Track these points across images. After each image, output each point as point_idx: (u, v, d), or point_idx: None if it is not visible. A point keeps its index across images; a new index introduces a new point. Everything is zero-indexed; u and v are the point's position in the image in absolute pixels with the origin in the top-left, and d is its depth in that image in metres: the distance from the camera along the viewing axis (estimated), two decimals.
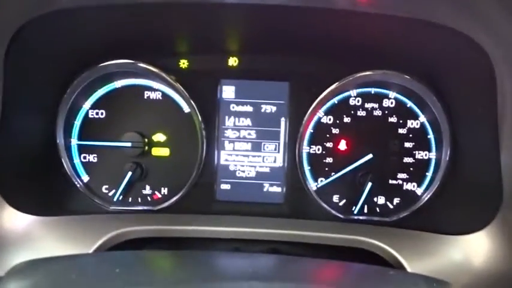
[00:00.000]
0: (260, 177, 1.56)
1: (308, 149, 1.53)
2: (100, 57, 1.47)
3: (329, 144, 1.53)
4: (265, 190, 1.56)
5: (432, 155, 1.51)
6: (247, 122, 1.55)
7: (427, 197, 1.49)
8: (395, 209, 1.52)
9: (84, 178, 1.53)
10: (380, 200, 1.53)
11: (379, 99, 1.51)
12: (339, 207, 1.53)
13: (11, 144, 1.28)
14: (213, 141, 1.54)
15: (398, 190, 1.52)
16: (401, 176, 1.52)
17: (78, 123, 1.52)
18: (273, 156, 1.55)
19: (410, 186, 1.52)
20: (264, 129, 1.55)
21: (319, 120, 1.53)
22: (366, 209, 1.52)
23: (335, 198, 1.54)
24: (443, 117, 1.46)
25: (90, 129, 1.52)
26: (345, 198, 1.54)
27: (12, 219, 1.29)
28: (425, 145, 1.51)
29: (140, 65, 1.48)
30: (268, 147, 1.55)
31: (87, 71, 1.47)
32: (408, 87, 1.49)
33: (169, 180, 1.54)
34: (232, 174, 1.56)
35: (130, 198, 1.54)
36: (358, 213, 1.51)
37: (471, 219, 1.33)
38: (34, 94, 1.38)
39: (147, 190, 1.54)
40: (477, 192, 1.37)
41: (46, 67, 1.37)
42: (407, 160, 1.51)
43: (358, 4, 1.14)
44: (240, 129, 1.55)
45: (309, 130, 1.53)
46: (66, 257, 0.95)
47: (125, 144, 1.49)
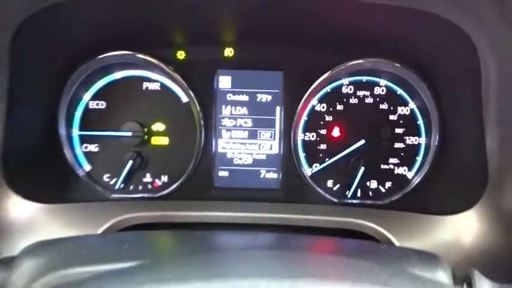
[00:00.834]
0: (257, 164, 1.60)
1: (303, 136, 1.57)
2: (99, 49, 1.49)
3: (323, 131, 1.57)
4: (262, 176, 1.60)
5: (422, 140, 1.55)
6: (244, 110, 1.59)
7: (417, 180, 1.54)
8: (387, 192, 1.56)
9: (86, 167, 1.56)
10: (372, 184, 1.57)
11: (371, 87, 1.56)
12: (333, 192, 1.57)
13: (16, 135, 1.31)
14: (211, 130, 1.58)
15: (389, 174, 1.56)
16: (392, 160, 1.56)
17: (79, 114, 1.54)
18: (269, 144, 1.60)
19: (401, 170, 1.57)
20: (259, 117, 1.59)
21: (313, 108, 1.57)
22: (359, 193, 1.56)
23: (329, 183, 1.58)
24: (432, 104, 1.50)
25: (91, 120, 1.55)
26: (338, 183, 1.58)
27: (18, 207, 1.32)
28: (415, 131, 1.55)
29: (139, 56, 1.51)
30: (264, 135, 1.59)
31: (87, 63, 1.50)
32: (398, 75, 1.53)
33: (169, 168, 1.57)
34: (230, 161, 1.60)
35: (131, 186, 1.57)
36: (351, 197, 1.55)
37: (459, 200, 1.37)
38: (36, 86, 1.40)
39: (147, 178, 1.57)
40: (464, 174, 1.42)
41: (47, 60, 1.40)
42: (398, 145, 1.55)
43: None
44: (237, 118, 1.59)
45: (304, 118, 1.56)
46: (75, 237, 1.00)
47: (125, 134, 1.52)
